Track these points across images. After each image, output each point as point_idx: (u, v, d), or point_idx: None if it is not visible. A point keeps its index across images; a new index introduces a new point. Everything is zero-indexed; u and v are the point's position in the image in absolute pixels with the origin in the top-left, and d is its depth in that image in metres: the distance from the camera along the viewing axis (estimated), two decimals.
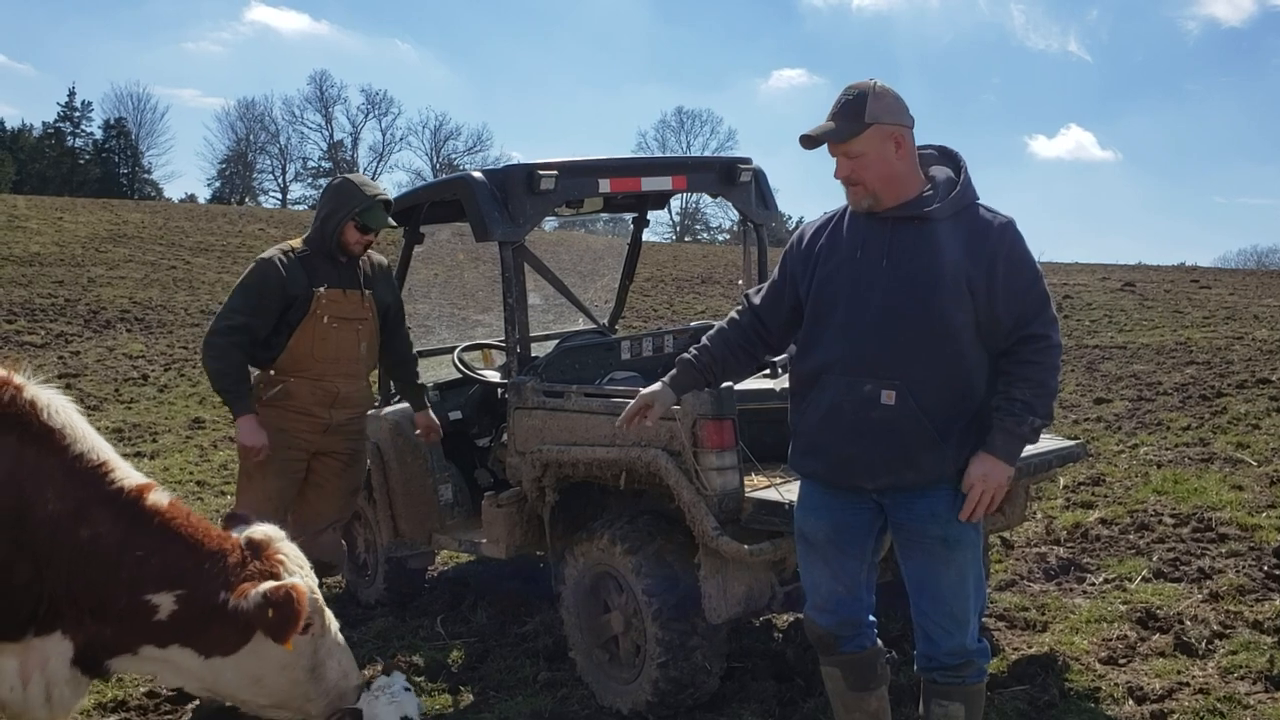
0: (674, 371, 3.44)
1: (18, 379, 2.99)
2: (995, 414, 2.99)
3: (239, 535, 3.16)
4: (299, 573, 3.12)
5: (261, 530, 3.19)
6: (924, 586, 3.12)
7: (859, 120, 3.01)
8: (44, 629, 3.00)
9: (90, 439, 3.05)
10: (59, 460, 2.96)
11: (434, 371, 5.91)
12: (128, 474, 3.07)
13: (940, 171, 3.12)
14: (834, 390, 3.08)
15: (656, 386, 3.43)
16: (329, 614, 3.23)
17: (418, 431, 5.04)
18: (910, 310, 2.99)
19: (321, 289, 4.43)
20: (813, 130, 3.04)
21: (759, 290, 3.40)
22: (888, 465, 3.03)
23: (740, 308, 3.41)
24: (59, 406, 3.01)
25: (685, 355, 3.45)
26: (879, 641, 3.34)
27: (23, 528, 2.92)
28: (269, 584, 2.98)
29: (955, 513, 3.03)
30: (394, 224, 4.60)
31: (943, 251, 2.99)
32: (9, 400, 2.95)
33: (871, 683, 3.31)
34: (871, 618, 3.30)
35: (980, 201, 3.08)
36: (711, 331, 3.46)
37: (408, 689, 3.40)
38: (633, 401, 3.44)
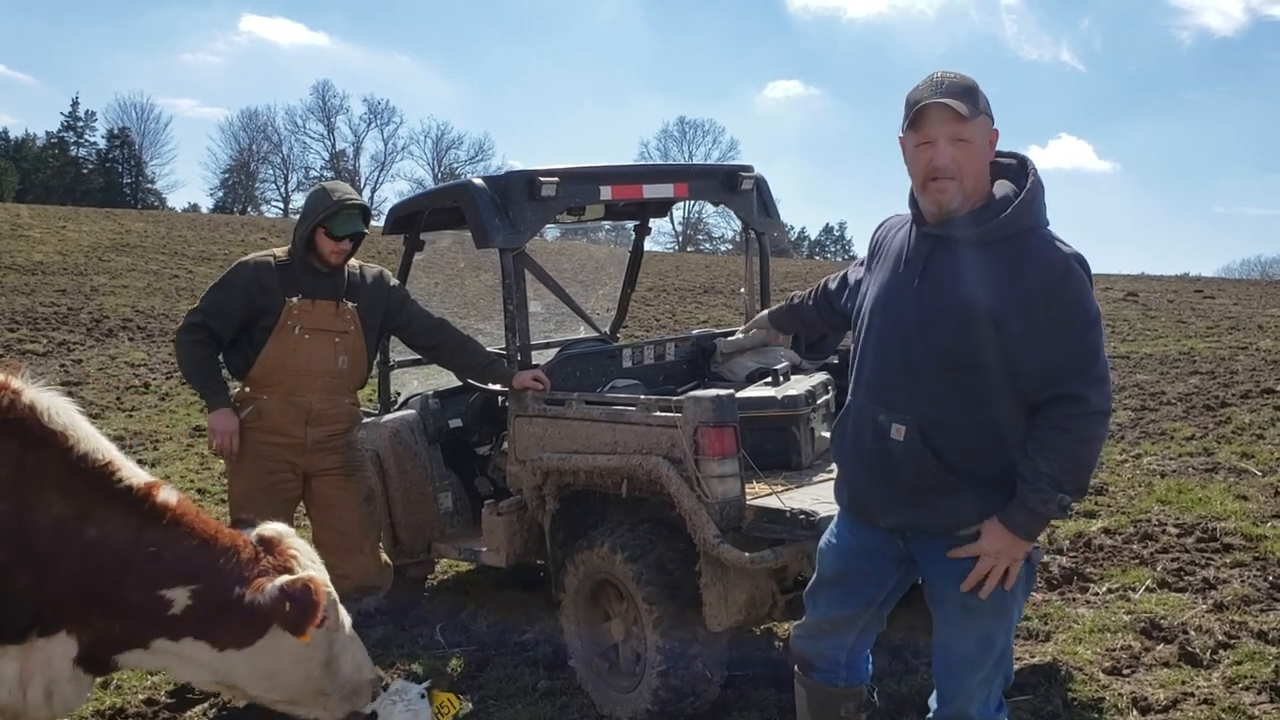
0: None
1: (16, 383, 2.97)
2: (1019, 484, 2.65)
3: (249, 534, 3.16)
4: (312, 567, 3.13)
5: (272, 528, 3.19)
6: (939, 647, 2.92)
7: (976, 104, 2.66)
8: (48, 630, 2.98)
9: (94, 439, 3.03)
10: (62, 462, 2.94)
11: (435, 379, 5.90)
12: (134, 472, 3.06)
13: (1003, 188, 2.75)
14: (856, 416, 2.90)
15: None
16: (342, 609, 3.23)
17: (532, 380, 4.61)
18: (929, 341, 2.71)
19: (294, 299, 4.34)
20: (942, 97, 2.64)
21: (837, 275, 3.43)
22: (897, 504, 2.81)
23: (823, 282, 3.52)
24: (59, 408, 2.99)
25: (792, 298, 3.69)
26: (860, 685, 3.16)
27: (25, 533, 2.90)
28: (286, 577, 2.98)
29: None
30: (364, 229, 4.45)
31: (971, 280, 2.66)
32: (8, 405, 2.93)
33: (829, 718, 3.16)
34: (850, 658, 3.11)
35: (1044, 229, 2.71)
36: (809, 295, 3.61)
37: (423, 696, 3.37)
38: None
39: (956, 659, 2.88)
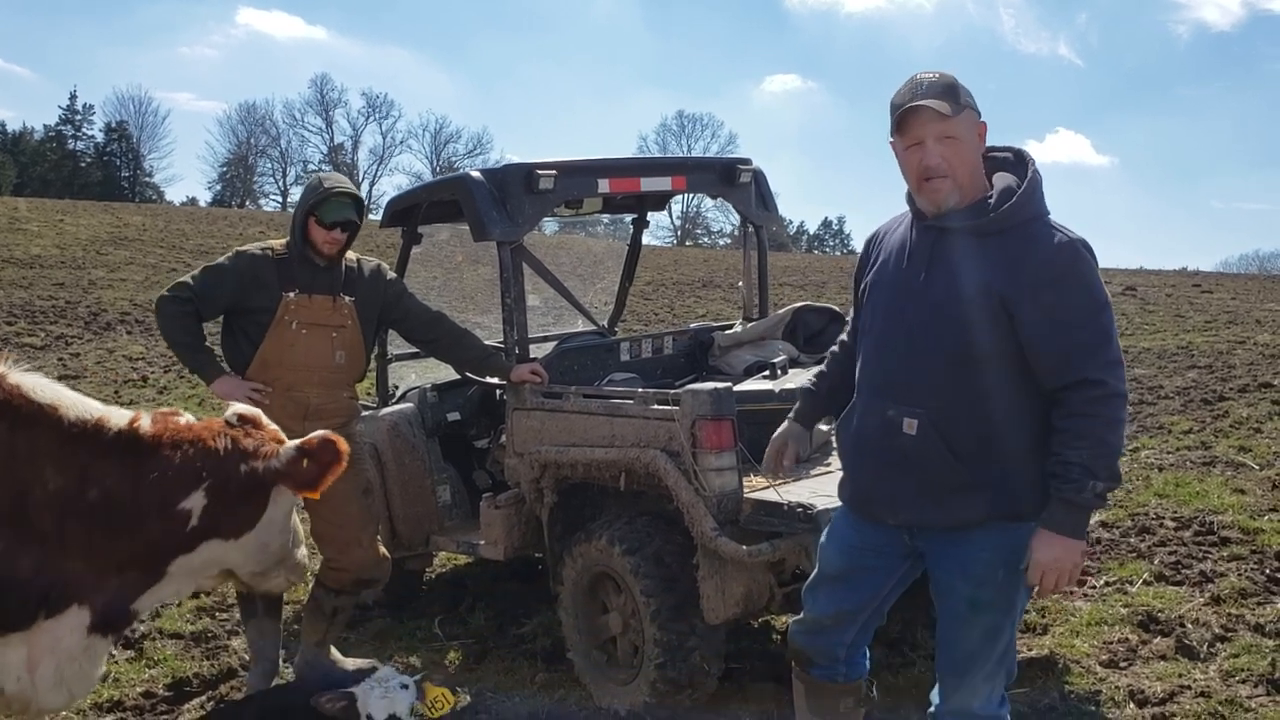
0: (797, 404, 3.29)
1: (0, 367, 2.97)
2: (1052, 481, 2.62)
3: (224, 417, 3.29)
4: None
5: (243, 408, 3.36)
6: (944, 641, 2.90)
7: (958, 101, 2.70)
8: (55, 609, 2.96)
9: (79, 404, 3.05)
10: (53, 435, 2.96)
11: (433, 373, 5.89)
12: (118, 416, 3.10)
13: (1003, 180, 2.76)
14: (862, 412, 2.87)
15: (784, 425, 3.27)
16: None
17: (530, 374, 4.62)
18: (938, 333, 2.70)
19: (291, 294, 4.31)
20: (922, 100, 2.67)
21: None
22: (908, 500, 2.78)
23: (847, 328, 3.23)
24: (44, 384, 3.01)
25: (805, 384, 3.34)
26: (858, 680, 3.16)
27: (23, 516, 2.89)
28: (298, 440, 3.16)
29: (987, 572, 2.74)
30: (355, 218, 4.38)
31: (978, 270, 2.66)
32: None
33: (828, 715, 3.15)
34: (850, 653, 3.10)
35: (1048, 216, 2.72)
36: (828, 356, 3.29)
37: (405, 686, 3.37)
38: (769, 449, 3.28)
39: (961, 654, 2.86)
